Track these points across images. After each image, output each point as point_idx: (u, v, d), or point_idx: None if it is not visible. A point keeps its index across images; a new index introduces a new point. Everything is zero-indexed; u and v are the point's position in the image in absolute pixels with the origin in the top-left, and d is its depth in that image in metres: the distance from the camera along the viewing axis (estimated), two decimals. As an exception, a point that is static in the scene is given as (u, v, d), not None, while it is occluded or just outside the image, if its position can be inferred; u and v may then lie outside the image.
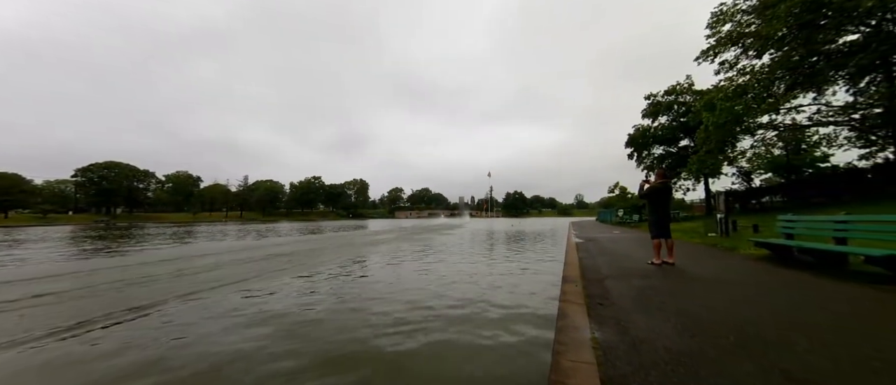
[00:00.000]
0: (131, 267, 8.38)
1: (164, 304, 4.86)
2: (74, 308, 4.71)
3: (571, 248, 10.15)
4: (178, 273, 7.36)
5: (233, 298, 5.13)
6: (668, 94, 29.81)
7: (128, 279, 6.73)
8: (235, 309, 4.55)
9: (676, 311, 3.28)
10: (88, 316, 4.29)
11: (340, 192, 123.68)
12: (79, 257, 10.78)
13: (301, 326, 3.86)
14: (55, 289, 5.87)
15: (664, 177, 6.27)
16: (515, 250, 11.64)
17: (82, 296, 5.42)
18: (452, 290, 5.59)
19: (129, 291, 5.69)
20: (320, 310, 4.51)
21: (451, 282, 6.26)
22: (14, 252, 12.44)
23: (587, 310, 3.49)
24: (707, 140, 18.03)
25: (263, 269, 7.73)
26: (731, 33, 16.48)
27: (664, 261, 6.00)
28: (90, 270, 7.97)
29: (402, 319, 4.04)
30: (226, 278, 6.69)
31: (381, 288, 5.82)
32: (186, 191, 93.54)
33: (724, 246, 8.80)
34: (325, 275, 7.11)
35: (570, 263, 7.05)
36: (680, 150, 30.16)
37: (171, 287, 5.95)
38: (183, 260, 9.61)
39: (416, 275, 7.06)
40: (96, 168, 76.53)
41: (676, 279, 4.86)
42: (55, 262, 9.62)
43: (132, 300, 5.04)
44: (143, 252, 12.04)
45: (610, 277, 5.13)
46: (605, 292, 4.18)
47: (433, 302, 4.82)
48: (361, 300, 5.02)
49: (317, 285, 6.13)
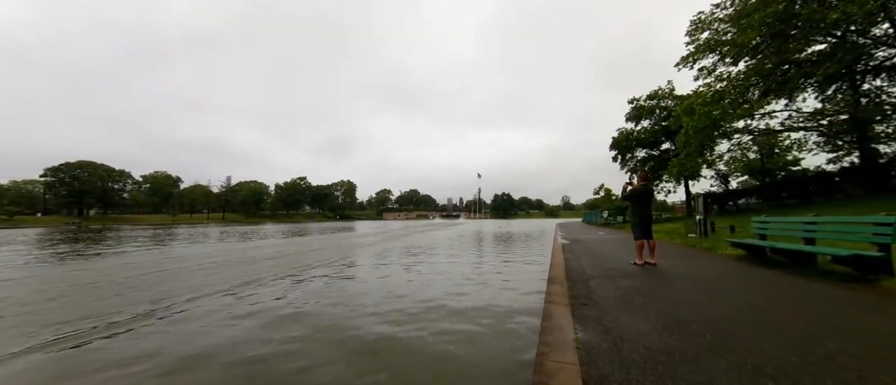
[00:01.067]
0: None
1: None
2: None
3: (557, 249, 10.29)
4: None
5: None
6: (650, 98, 30.68)
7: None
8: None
9: (657, 310, 3.37)
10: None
11: (327, 193, 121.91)
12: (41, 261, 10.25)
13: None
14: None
15: (646, 179, 6.44)
16: (507, 250, 11.73)
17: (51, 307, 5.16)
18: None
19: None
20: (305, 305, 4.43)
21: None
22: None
23: (571, 310, 3.54)
24: (687, 144, 18.64)
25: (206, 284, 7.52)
26: (709, 41, 17.12)
27: (646, 261, 6.15)
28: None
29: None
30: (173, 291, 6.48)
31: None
32: (165, 192, 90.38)
33: (703, 246, 9.10)
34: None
35: (556, 264, 7.15)
36: (662, 152, 31.06)
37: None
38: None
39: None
40: (67, 168, 73.05)
41: (658, 279, 5.00)
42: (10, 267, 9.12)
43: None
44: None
45: (594, 278, 5.22)
46: (589, 293, 4.25)
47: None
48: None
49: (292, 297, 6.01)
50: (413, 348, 3.30)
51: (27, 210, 69.13)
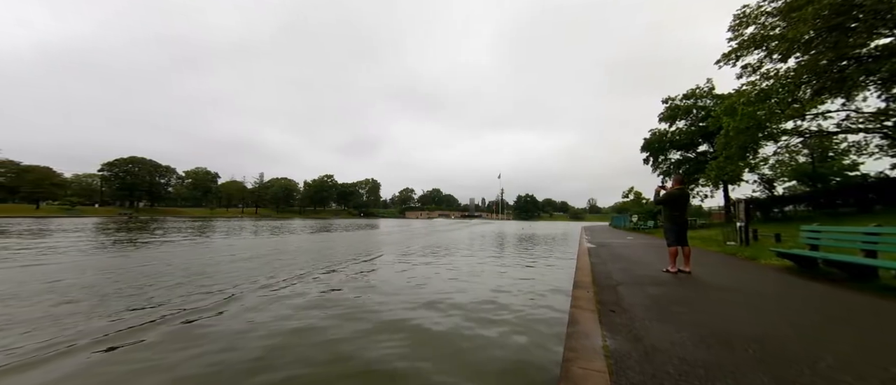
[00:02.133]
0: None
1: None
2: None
3: (583, 253, 9.99)
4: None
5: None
6: (686, 97, 29.06)
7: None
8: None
9: (693, 321, 3.19)
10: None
11: (352, 191, 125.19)
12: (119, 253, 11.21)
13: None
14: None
15: (681, 183, 6.11)
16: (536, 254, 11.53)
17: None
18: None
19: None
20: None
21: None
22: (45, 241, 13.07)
23: (599, 317, 3.43)
24: (727, 145, 17.50)
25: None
26: (755, 36, 15.96)
27: (680, 269, 5.84)
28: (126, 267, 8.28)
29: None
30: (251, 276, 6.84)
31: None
32: (205, 186, 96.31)
33: (744, 255, 8.51)
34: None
35: (582, 269, 6.94)
36: (698, 155, 29.35)
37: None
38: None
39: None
40: (121, 163, 79.67)
41: (693, 288, 4.73)
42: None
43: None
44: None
45: (623, 284, 5.02)
46: (617, 299, 4.10)
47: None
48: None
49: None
50: (437, 335, 3.32)
51: (86, 201, 76.07)
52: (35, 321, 3.78)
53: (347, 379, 2.65)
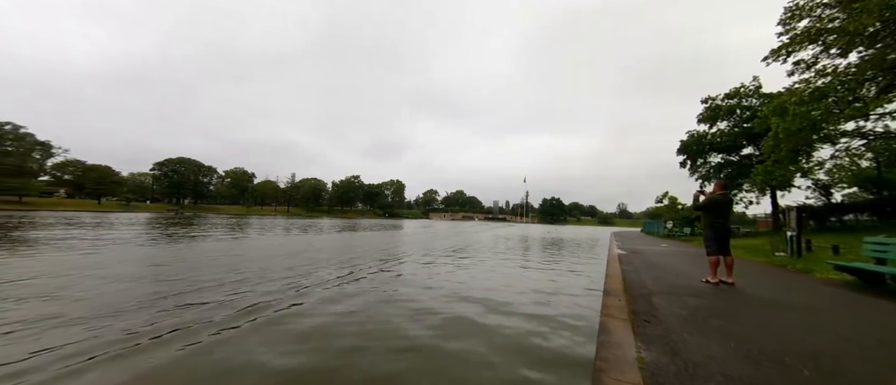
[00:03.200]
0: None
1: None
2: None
3: (613, 259, 9.61)
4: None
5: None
6: (729, 97, 27.20)
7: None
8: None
9: (737, 336, 2.98)
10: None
11: (378, 191, 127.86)
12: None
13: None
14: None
15: (724, 188, 5.73)
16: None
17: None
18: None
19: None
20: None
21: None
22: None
23: (632, 326, 3.29)
24: (776, 148, 16.16)
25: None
26: (809, 30, 14.66)
27: (721, 280, 5.47)
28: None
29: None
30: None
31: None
32: (242, 186, 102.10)
33: (795, 267, 7.82)
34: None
35: (612, 276, 6.68)
36: (742, 158, 27.35)
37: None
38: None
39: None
40: (170, 163, 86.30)
41: (737, 301, 4.42)
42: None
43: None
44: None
45: (658, 294, 4.78)
46: (652, 309, 3.91)
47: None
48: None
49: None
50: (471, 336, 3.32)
51: (139, 197, 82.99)
52: (150, 306, 4.16)
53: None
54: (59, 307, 4.01)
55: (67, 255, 8.10)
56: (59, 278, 5.53)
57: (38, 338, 3.10)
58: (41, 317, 3.64)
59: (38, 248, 9.09)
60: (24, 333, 3.20)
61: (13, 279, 5.30)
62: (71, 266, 6.62)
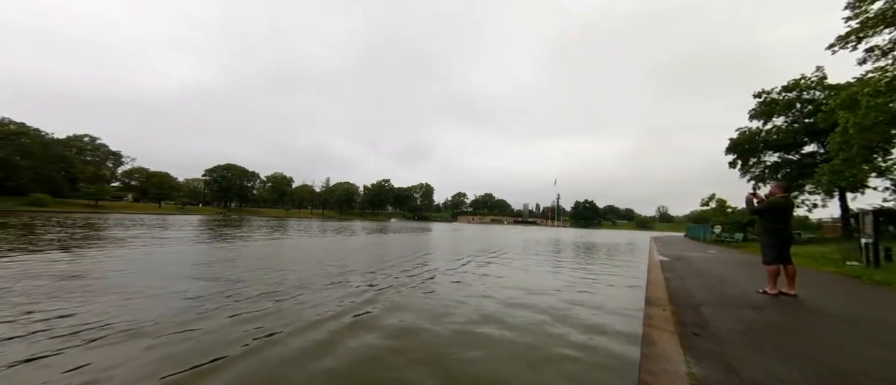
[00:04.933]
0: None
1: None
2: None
3: (654, 266, 9.08)
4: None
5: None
6: (787, 90, 24.77)
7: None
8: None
9: (805, 354, 2.72)
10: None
11: (407, 194, 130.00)
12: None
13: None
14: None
15: (785, 190, 5.25)
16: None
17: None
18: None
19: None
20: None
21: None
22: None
23: (680, 339, 3.11)
24: (846, 145, 14.48)
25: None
26: (885, 12, 13.03)
27: (782, 291, 5.01)
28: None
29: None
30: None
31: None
32: (281, 190, 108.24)
33: (872, 279, 6.96)
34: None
35: (655, 284, 6.33)
36: (803, 157, 24.77)
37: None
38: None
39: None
40: (219, 169, 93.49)
41: (802, 315, 4.02)
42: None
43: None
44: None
45: (707, 305, 4.47)
46: (701, 321, 3.66)
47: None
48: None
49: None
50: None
51: (192, 201, 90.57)
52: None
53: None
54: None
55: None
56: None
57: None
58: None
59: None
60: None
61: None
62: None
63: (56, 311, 3.92)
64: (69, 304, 4.18)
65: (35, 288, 4.89)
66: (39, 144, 52.22)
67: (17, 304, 4.11)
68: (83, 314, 3.85)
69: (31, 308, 4.00)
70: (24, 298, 4.37)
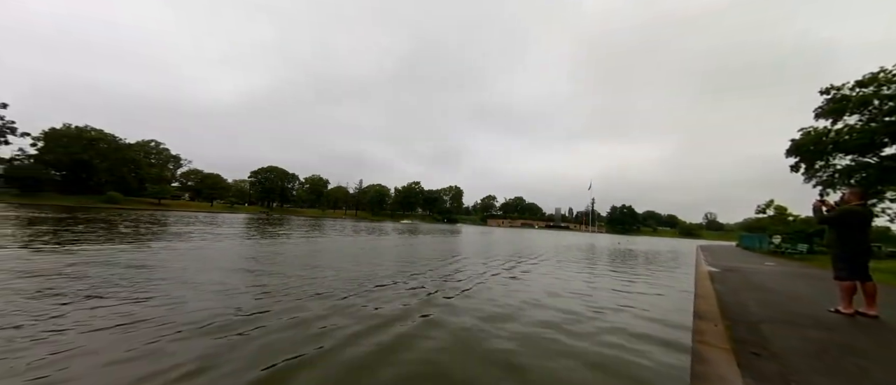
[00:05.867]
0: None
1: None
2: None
3: (703, 276, 8.46)
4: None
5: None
6: (861, 85, 22.01)
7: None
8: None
9: (889, 384, 2.41)
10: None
11: (437, 197, 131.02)
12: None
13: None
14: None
15: (862, 197, 4.69)
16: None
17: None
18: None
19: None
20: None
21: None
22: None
23: (736, 358, 2.88)
24: (938, 146, 12.60)
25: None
26: None
27: (858, 311, 4.46)
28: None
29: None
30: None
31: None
32: (318, 191, 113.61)
33: (975, 302, 5.99)
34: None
35: (704, 296, 5.90)
36: (883, 160, 21.83)
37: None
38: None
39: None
40: (262, 171, 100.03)
41: (883, 338, 3.56)
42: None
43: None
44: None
45: (768, 322, 4.09)
46: (761, 340, 3.37)
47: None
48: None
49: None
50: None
51: (239, 201, 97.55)
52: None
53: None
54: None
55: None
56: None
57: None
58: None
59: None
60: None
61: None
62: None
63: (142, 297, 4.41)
64: (153, 292, 4.68)
65: (135, 275, 5.53)
66: (114, 148, 58.89)
67: (122, 292, 4.67)
68: (154, 308, 4.29)
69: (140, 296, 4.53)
70: (128, 286, 4.96)
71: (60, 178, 53.30)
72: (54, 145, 52.06)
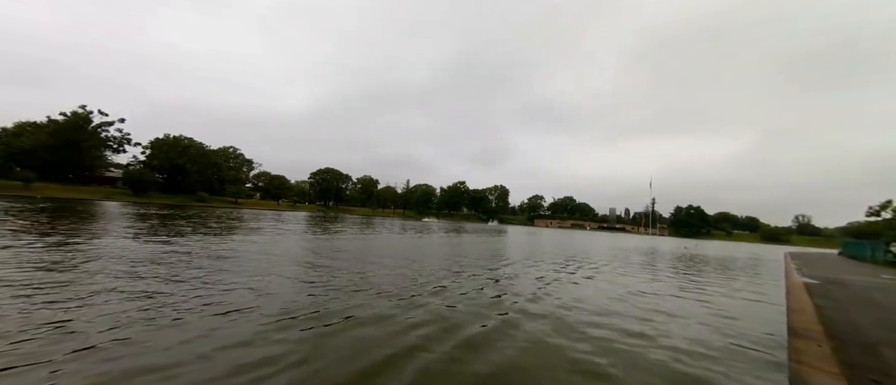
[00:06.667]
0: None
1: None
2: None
3: (796, 288, 7.41)
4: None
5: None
6: None
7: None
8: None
9: None
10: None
11: (482, 196, 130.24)
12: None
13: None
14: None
15: None
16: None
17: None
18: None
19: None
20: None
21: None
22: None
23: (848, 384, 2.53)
24: None
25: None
26: None
27: None
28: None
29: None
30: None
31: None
32: (369, 191, 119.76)
33: None
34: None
35: (799, 311, 5.19)
36: None
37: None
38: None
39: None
40: (320, 172, 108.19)
41: None
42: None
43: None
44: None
45: (889, 345, 3.49)
46: (883, 366, 2.90)
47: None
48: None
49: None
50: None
51: (300, 199, 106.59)
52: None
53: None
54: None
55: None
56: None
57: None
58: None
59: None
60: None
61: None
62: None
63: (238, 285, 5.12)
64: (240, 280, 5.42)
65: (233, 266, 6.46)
66: (201, 154, 67.91)
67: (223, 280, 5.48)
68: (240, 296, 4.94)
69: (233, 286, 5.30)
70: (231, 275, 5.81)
71: (162, 180, 62.89)
72: (158, 152, 61.62)
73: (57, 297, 3.93)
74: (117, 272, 5.34)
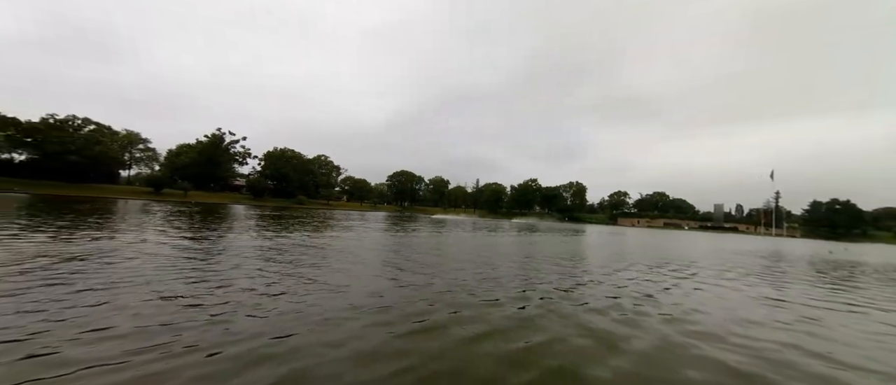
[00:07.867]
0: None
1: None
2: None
3: None
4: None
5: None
6: None
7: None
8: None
9: None
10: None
11: (556, 194, 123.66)
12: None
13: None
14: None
15: None
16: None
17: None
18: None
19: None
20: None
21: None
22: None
23: None
24: None
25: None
26: None
27: None
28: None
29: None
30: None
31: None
32: (441, 191, 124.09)
33: None
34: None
35: None
36: None
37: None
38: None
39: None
40: (396, 175, 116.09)
41: None
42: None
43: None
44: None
45: None
46: None
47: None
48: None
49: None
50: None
51: (379, 200, 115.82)
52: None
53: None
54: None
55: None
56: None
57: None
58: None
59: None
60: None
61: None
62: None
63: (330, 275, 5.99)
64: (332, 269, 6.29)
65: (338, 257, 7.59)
66: (300, 162, 79.06)
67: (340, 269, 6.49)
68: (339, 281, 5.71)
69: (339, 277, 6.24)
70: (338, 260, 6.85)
71: (273, 186, 75.09)
72: (269, 163, 73.76)
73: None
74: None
